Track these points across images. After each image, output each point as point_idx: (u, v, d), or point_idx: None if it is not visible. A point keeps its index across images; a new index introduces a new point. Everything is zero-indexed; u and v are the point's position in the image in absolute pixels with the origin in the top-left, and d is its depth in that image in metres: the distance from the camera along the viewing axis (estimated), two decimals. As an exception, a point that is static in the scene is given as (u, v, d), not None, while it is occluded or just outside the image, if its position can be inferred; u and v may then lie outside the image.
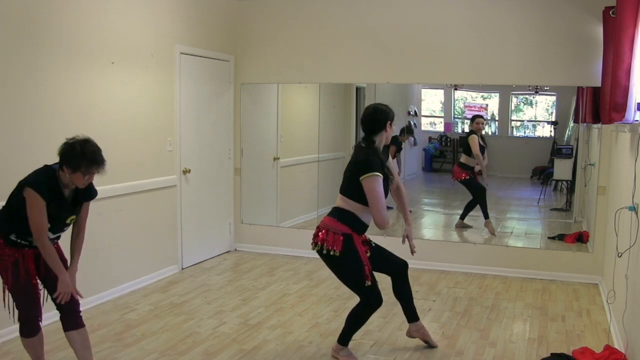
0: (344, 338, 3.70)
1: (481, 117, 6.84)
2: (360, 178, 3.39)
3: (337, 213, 3.54)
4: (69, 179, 2.97)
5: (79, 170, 2.93)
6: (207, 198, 6.18)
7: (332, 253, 3.45)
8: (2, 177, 3.66)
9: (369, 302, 3.57)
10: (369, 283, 3.50)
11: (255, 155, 6.77)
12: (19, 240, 3.05)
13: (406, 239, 3.82)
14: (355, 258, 3.48)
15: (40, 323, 3.15)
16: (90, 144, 2.98)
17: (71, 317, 3.14)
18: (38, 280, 3.14)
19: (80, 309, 3.19)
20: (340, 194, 3.57)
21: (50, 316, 3.76)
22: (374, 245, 3.73)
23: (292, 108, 7.12)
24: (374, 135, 3.53)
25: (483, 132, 6.71)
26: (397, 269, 3.79)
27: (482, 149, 6.64)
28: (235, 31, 6.49)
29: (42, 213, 2.92)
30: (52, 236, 3.06)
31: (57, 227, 3.08)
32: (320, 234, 3.51)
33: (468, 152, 6.65)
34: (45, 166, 3.04)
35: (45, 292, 3.18)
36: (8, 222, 3.03)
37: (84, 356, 3.17)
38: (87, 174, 2.97)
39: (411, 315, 3.91)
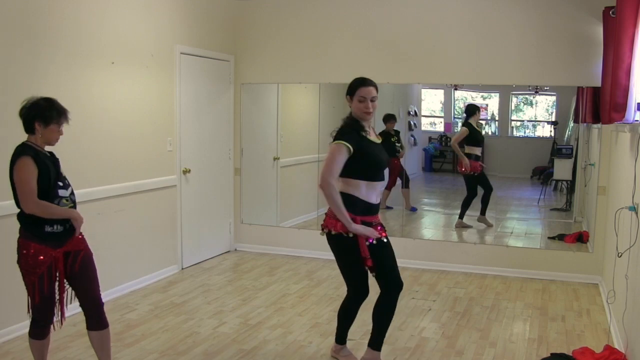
0: (340, 336, 3.69)
1: (477, 109, 6.82)
2: (329, 143, 3.31)
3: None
4: (41, 139, 2.97)
5: (52, 121, 2.96)
6: (207, 198, 6.18)
7: (333, 232, 3.33)
8: (3, 178, 3.65)
9: (355, 293, 3.47)
10: (358, 269, 3.36)
11: (255, 155, 6.77)
12: (55, 228, 2.97)
13: None
14: (352, 242, 3.29)
15: (51, 327, 3.14)
16: (50, 98, 3.02)
17: (94, 317, 3.15)
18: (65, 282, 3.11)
19: (104, 309, 3.20)
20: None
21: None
22: (385, 241, 3.39)
23: (292, 108, 7.11)
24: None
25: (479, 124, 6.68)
26: (390, 285, 3.40)
27: (476, 140, 6.65)
28: (235, 31, 6.49)
29: (34, 178, 2.88)
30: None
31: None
32: (325, 220, 3.41)
33: (467, 142, 6.66)
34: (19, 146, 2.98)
35: (70, 291, 3.16)
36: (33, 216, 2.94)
37: (102, 357, 3.20)
38: (60, 124, 2.99)
39: (375, 341, 3.49)
